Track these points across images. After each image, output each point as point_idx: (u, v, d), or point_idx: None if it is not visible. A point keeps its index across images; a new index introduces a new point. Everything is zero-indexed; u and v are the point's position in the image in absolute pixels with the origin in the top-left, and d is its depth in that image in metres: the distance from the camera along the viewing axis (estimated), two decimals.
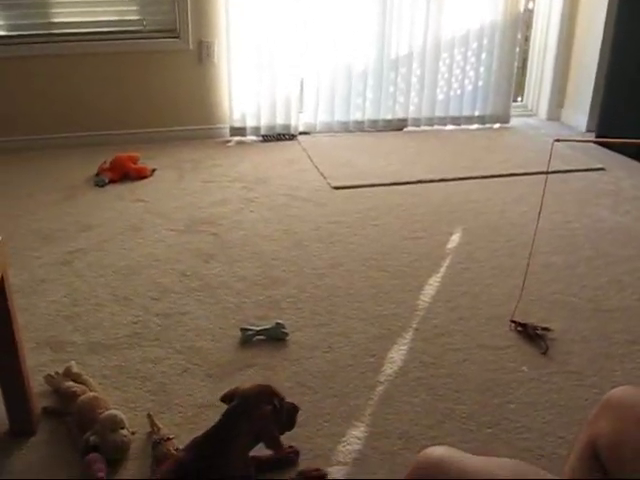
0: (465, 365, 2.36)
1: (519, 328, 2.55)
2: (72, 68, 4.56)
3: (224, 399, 1.79)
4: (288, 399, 1.83)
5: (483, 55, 5.03)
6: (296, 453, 1.92)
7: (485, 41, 4.98)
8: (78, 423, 1.99)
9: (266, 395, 1.74)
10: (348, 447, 1.98)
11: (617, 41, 4.65)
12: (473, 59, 5.03)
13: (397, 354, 2.41)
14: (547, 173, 2.78)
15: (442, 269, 3.03)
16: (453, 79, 5.06)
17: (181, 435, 1.97)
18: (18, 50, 4.44)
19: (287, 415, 1.80)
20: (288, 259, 3.11)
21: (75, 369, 2.23)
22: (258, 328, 2.50)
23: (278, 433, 1.74)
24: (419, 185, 4.03)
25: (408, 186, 4.02)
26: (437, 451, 1.06)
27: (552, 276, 2.97)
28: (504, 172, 4.24)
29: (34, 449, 1.96)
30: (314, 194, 3.89)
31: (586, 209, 3.69)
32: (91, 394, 2.07)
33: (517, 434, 2.04)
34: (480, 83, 5.10)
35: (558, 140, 2.49)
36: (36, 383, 2.17)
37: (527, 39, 5.49)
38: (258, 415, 1.70)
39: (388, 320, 2.62)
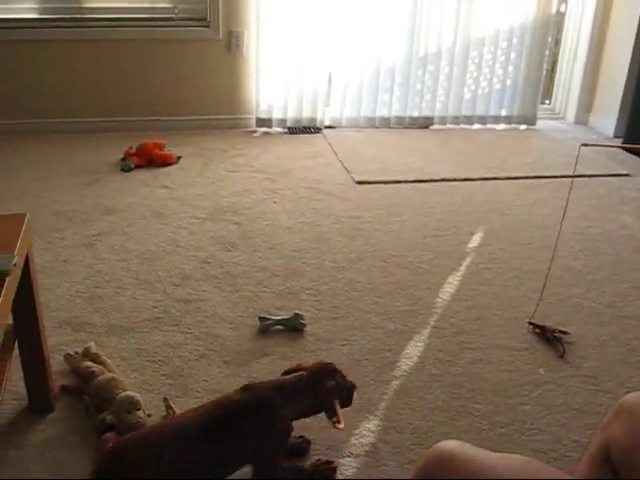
0: (481, 364, 2.36)
1: (537, 330, 2.54)
2: (102, 53, 4.60)
3: (286, 374, 1.91)
4: None
5: (512, 55, 5.01)
6: (307, 442, 1.94)
7: (515, 41, 4.97)
8: (95, 402, 2.02)
9: (330, 372, 1.85)
10: (361, 440, 1.99)
11: None
12: (502, 58, 5.01)
13: (413, 350, 2.42)
14: (572, 177, 2.77)
15: (462, 268, 3.03)
16: (481, 77, 5.05)
17: None
18: (48, 33, 4.50)
19: (347, 392, 1.89)
20: (309, 251, 3.12)
21: (94, 349, 2.26)
22: (276, 318, 2.52)
23: (340, 407, 1.82)
24: (443, 183, 4.03)
25: (432, 184, 4.01)
26: (449, 445, 1.07)
27: (572, 280, 2.96)
28: (529, 174, 4.22)
29: (52, 425, 1.99)
30: (337, 188, 3.90)
31: (609, 215, 3.67)
32: (109, 375, 2.10)
33: (530, 435, 2.04)
34: (508, 82, 5.08)
35: (585, 145, 2.47)
36: (55, 362, 2.20)
37: (557, 42, 5.46)
38: (323, 389, 1.80)
39: (406, 316, 2.63)
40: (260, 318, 2.52)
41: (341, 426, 1.76)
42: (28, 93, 4.59)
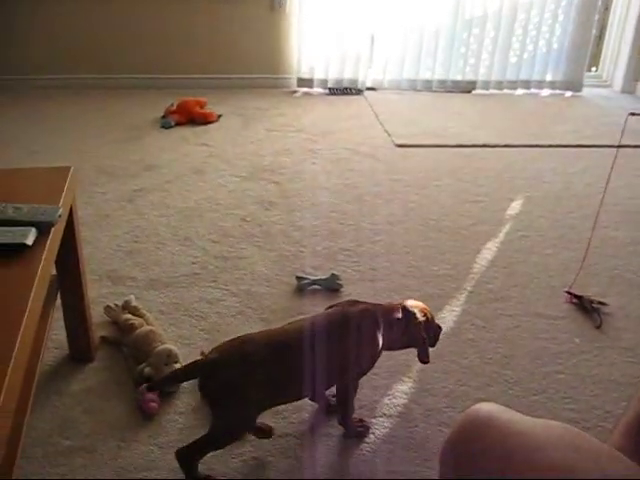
0: (517, 332, 2.35)
1: (574, 300, 2.52)
2: (145, 10, 4.60)
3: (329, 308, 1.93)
4: None
5: (560, 18, 4.89)
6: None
7: (563, 3, 4.85)
8: (134, 354, 2.06)
9: (421, 309, 1.87)
10: (393, 400, 2.00)
11: None
12: (550, 21, 4.92)
13: (449, 315, 2.42)
14: (618, 147, 2.71)
15: (501, 235, 3.01)
16: (527, 40, 4.94)
17: None
18: None
19: (433, 333, 1.92)
20: (347, 212, 3.12)
21: (134, 303, 2.30)
22: (313, 277, 2.53)
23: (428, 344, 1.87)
24: (484, 149, 3.98)
25: (472, 149, 3.97)
26: (486, 407, 1.07)
27: (612, 251, 2.92)
28: (572, 142, 4.15)
29: (92, 374, 2.04)
30: (377, 150, 3.88)
31: None
32: (147, 327, 2.14)
33: (563, 404, 2.03)
34: (555, 46, 4.98)
35: (633, 114, 2.42)
36: (96, 313, 2.24)
37: (607, 7, 5.32)
38: (415, 323, 1.83)
39: (442, 281, 2.62)
40: (297, 277, 2.54)
41: (427, 361, 1.85)
42: (70, 49, 4.61)
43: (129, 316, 2.21)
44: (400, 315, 1.84)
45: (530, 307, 2.50)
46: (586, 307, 2.48)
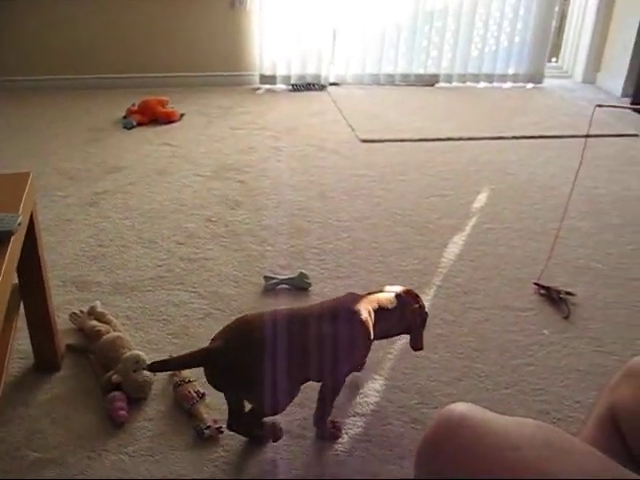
0: (486, 325, 2.36)
1: (542, 291, 2.54)
2: (104, 9, 4.53)
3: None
4: None
5: (521, 11, 4.93)
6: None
7: None
8: (101, 361, 2.03)
9: (414, 295, 1.93)
10: (366, 399, 2.00)
11: None
12: (511, 15, 4.94)
13: None
14: (587, 137, 2.73)
15: (467, 228, 3.02)
16: (489, 34, 4.97)
17: (201, 378, 1.99)
18: None
19: (421, 319, 1.94)
20: (313, 210, 3.11)
21: (99, 308, 2.27)
22: (281, 277, 2.51)
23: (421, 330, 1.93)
24: (448, 142, 4.00)
25: (437, 143, 3.98)
26: (459, 407, 1.06)
27: (578, 241, 2.95)
28: (535, 134, 4.18)
29: (59, 384, 2.00)
30: (342, 146, 3.87)
31: (616, 176, 3.64)
32: (114, 334, 2.11)
33: (534, 396, 2.04)
34: (516, 39, 5.01)
35: (600, 106, 2.43)
36: (61, 320, 2.20)
37: None
38: (410, 310, 1.89)
39: (411, 276, 2.62)
40: (265, 277, 2.52)
41: (422, 348, 1.92)
42: (29, 50, 4.53)
43: (95, 323, 2.18)
44: (395, 304, 1.87)
45: (498, 300, 2.51)
46: (554, 298, 2.50)
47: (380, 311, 1.84)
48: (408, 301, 1.90)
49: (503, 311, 2.44)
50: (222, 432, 1.81)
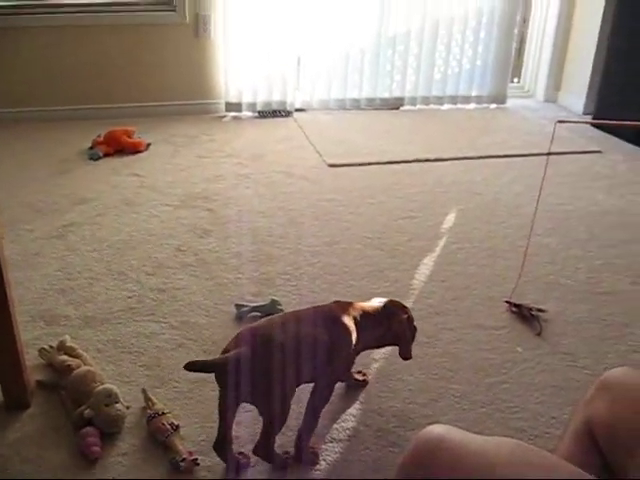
0: (459, 345, 2.37)
1: (514, 309, 2.55)
2: (66, 40, 4.51)
3: None
4: None
5: (482, 34, 5.00)
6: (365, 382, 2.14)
7: (484, 20, 4.96)
8: (72, 397, 1.99)
9: (402, 307, 1.96)
10: (342, 424, 1.98)
11: (616, 24, 4.63)
12: (472, 38, 5.01)
13: None
14: (549, 154, 2.76)
15: (437, 249, 3.03)
16: (451, 57, 5.04)
17: (175, 410, 1.97)
18: (10, 20, 4.39)
19: (411, 331, 1.98)
20: (283, 236, 3.10)
21: (69, 343, 2.23)
22: (253, 304, 2.50)
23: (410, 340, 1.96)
24: (415, 164, 4.02)
25: (404, 165, 4.01)
26: (436, 430, 1.06)
27: (546, 258, 2.98)
28: (500, 153, 4.23)
29: (29, 422, 1.95)
30: (309, 171, 3.88)
31: (581, 192, 3.69)
32: (85, 368, 2.07)
33: (510, 414, 2.05)
34: (478, 62, 5.08)
35: (561, 122, 2.47)
36: (30, 356, 2.16)
37: (525, 20, 5.47)
38: (398, 320, 1.91)
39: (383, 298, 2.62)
40: (236, 305, 2.50)
41: (410, 357, 1.95)
42: None
43: (65, 357, 2.14)
44: (381, 314, 1.90)
45: (471, 319, 2.52)
46: (525, 315, 2.52)
47: (365, 319, 1.86)
48: (396, 312, 1.91)
49: (476, 330, 2.45)
50: (198, 464, 1.78)
